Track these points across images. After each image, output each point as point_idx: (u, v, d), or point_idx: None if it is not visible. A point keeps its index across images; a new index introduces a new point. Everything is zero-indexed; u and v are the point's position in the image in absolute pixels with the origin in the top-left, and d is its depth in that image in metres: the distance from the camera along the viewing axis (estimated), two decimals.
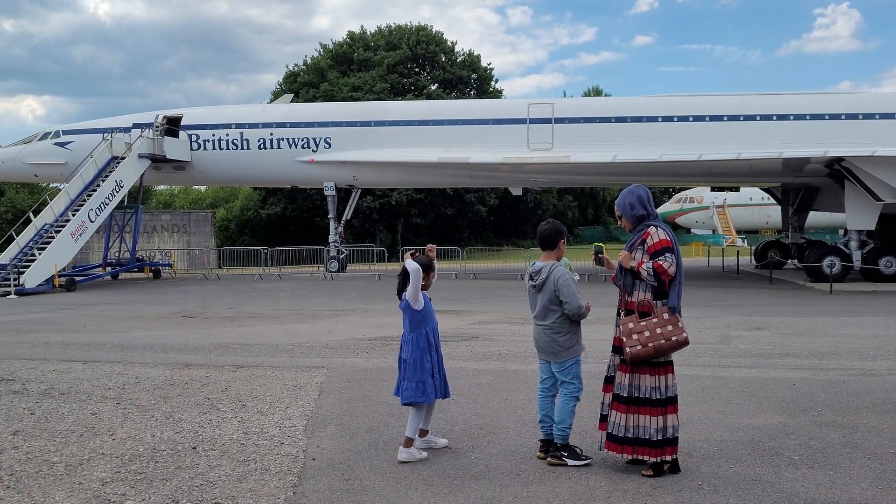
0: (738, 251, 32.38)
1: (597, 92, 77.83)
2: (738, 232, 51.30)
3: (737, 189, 36.18)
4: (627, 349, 5.19)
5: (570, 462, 5.46)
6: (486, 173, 27.87)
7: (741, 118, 25.13)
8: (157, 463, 5.67)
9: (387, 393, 7.76)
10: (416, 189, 47.71)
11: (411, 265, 5.74)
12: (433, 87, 56.14)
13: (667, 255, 5.21)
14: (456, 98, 51.43)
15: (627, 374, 5.30)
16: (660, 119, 25.57)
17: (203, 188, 64.70)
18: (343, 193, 29.89)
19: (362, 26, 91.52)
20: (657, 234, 5.29)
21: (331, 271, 28.35)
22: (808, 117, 24.71)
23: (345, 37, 58.50)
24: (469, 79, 58.63)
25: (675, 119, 25.47)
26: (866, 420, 6.69)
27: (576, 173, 27.40)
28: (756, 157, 23.58)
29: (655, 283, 5.24)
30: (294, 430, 6.55)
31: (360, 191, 31.00)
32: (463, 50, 59.66)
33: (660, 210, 49.33)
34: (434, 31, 58.37)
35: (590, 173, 27.65)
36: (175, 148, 27.52)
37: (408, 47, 55.81)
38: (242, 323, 14.60)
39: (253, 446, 6.06)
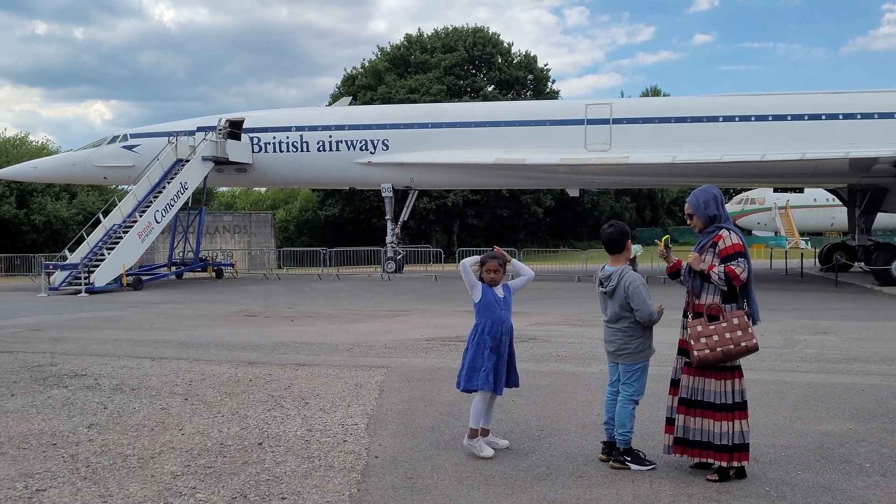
0: (801, 253, 31.61)
1: (655, 92, 76.85)
2: (802, 234, 50.03)
3: (800, 190, 35.30)
4: (695, 353, 5.13)
5: (633, 467, 5.43)
6: (542, 174, 27.78)
7: (805, 117, 24.50)
8: (224, 458, 5.82)
9: (446, 393, 7.81)
10: (472, 190, 47.78)
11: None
12: (490, 89, 56.14)
13: (739, 259, 5.15)
14: (512, 99, 51.35)
15: (691, 377, 5.25)
16: (721, 119, 25.12)
17: (263, 190, 65.86)
18: (400, 195, 30.13)
19: (419, 29, 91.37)
20: (730, 238, 5.24)
21: (388, 272, 28.58)
22: (875, 116, 23.99)
23: (402, 39, 58.90)
24: (525, 80, 58.46)
25: (737, 119, 24.99)
26: None
27: (634, 174, 27.11)
28: (821, 158, 22.97)
29: (726, 288, 5.19)
30: (356, 428, 6.64)
31: (416, 192, 31.20)
32: (519, 51, 59.66)
33: None
34: (490, 32, 58.37)
35: (649, 174, 27.31)
36: (237, 150, 28.13)
37: (464, 49, 55.89)
38: (303, 322, 14.84)
39: (317, 443, 6.17)
